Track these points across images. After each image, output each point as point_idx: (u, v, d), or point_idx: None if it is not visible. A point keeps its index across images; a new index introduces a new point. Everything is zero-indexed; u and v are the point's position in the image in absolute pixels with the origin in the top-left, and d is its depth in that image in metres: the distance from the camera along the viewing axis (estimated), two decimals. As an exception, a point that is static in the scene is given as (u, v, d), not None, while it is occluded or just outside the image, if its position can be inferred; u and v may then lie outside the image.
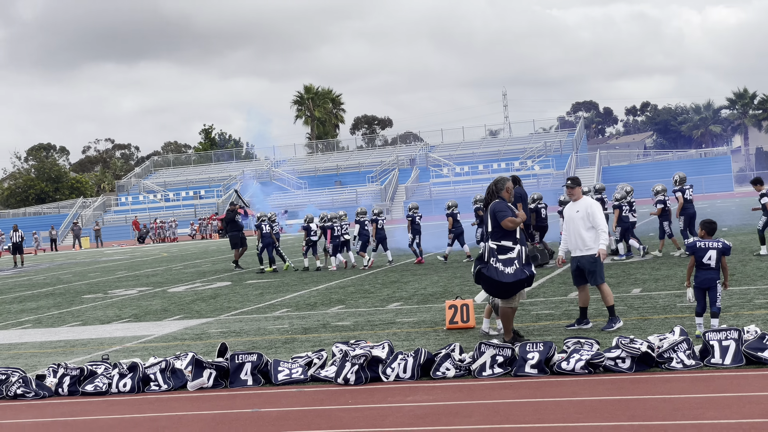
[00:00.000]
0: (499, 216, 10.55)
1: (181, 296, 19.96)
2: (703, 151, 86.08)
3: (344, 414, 7.98)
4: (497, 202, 10.73)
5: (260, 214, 25.54)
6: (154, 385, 9.59)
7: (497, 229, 10.57)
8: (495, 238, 10.56)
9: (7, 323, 17.37)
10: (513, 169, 71.90)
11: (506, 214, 10.54)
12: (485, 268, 10.47)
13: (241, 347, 11.78)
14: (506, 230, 10.52)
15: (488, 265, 10.46)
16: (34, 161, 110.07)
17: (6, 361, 12.45)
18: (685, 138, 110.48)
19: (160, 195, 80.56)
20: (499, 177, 11.14)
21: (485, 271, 10.46)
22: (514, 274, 10.35)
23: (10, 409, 9.26)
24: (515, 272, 10.35)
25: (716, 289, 10.14)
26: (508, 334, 10.61)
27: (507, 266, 10.37)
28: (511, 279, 10.35)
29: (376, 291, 17.67)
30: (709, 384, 8.03)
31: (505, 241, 10.50)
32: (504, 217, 10.53)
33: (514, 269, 10.36)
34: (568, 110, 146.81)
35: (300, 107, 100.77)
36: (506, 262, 10.39)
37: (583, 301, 11.49)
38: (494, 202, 10.75)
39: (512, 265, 10.37)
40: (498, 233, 10.56)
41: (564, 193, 19.85)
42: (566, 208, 11.69)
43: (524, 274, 10.37)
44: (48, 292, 24.15)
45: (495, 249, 10.48)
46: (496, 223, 10.57)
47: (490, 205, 10.76)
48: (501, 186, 10.87)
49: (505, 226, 10.51)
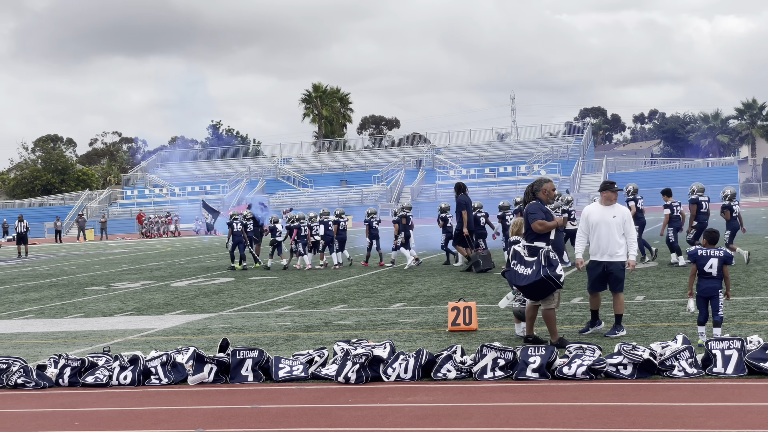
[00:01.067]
0: (530, 218, 10.60)
1: (184, 291, 19.97)
2: (710, 160, 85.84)
3: (344, 413, 7.97)
4: (531, 204, 10.76)
5: (232, 213, 26.07)
6: (154, 378, 9.59)
7: (530, 231, 10.61)
8: (528, 239, 10.59)
9: (10, 313, 17.39)
10: (519, 173, 71.93)
11: (536, 217, 10.56)
12: (508, 272, 10.57)
13: (242, 343, 11.78)
14: (538, 233, 10.53)
15: (510, 269, 10.50)
16: (41, 152, 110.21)
17: (7, 350, 12.47)
18: (692, 147, 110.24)
19: (165, 189, 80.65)
20: (538, 178, 11.15)
21: (507, 275, 10.55)
22: (527, 277, 10.32)
23: (11, 399, 9.27)
24: (530, 275, 10.31)
25: (718, 298, 10.12)
26: (554, 336, 10.56)
27: (527, 268, 10.34)
28: (524, 282, 10.34)
29: (379, 291, 17.66)
30: (711, 393, 8.01)
31: (538, 242, 10.52)
32: (534, 219, 10.55)
33: (531, 271, 10.32)
34: (576, 116, 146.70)
35: (308, 105, 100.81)
36: (528, 264, 10.36)
37: (595, 305, 11.41)
38: (529, 204, 10.78)
39: (531, 267, 10.33)
40: (531, 235, 10.59)
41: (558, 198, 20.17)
42: (596, 212, 11.32)
43: (538, 276, 10.29)
44: (51, 283, 24.18)
45: (520, 251, 10.47)
46: (528, 225, 10.60)
47: (526, 206, 10.80)
48: (538, 187, 10.88)
49: (534, 229, 10.54)
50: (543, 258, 10.36)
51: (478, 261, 20.10)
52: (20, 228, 42.93)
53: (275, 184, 78.58)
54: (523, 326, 11.29)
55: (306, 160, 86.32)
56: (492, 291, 16.53)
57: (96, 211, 76.95)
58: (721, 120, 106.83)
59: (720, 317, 10.13)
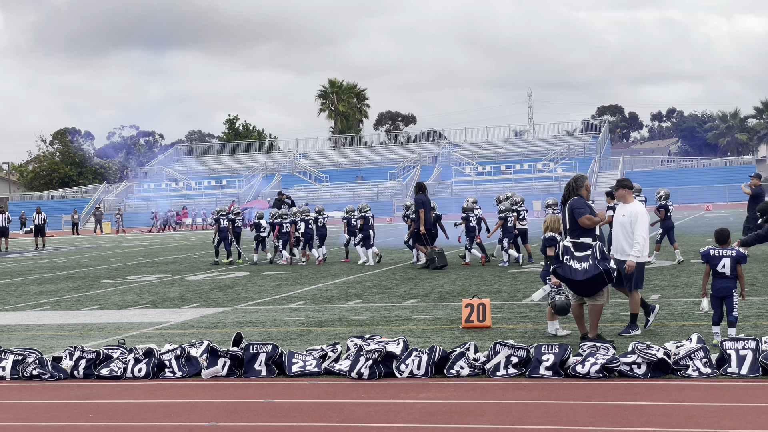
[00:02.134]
0: (577, 213, 10.52)
1: (199, 284, 20.03)
2: (728, 159, 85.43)
3: (356, 408, 7.98)
4: (576, 200, 10.69)
5: (219, 209, 26.52)
6: (168, 371, 9.62)
7: (575, 227, 10.54)
8: (573, 235, 10.52)
9: (27, 304, 17.50)
10: (536, 170, 71.78)
11: (584, 212, 10.51)
12: (560, 268, 10.41)
13: (256, 337, 11.80)
14: (584, 228, 10.49)
15: (563, 264, 10.40)
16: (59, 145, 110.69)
17: (23, 342, 12.54)
18: (710, 146, 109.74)
19: (182, 183, 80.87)
20: (578, 174, 11.10)
21: (560, 271, 10.39)
22: (585, 271, 10.24)
23: (26, 390, 9.33)
24: (588, 269, 10.24)
25: (732, 298, 10.07)
26: (594, 331, 10.51)
27: (582, 263, 10.27)
28: (581, 276, 10.25)
29: (393, 287, 17.67)
30: (725, 393, 7.97)
31: (584, 237, 10.46)
32: (581, 214, 10.49)
33: (588, 265, 10.25)
34: (593, 114, 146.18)
35: (324, 101, 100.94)
36: (581, 259, 10.30)
37: (634, 308, 11.32)
38: (573, 200, 10.70)
39: (587, 261, 10.27)
40: (576, 230, 10.53)
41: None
42: (617, 211, 11.40)
43: (597, 270, 10.24)
44: (68, 276, 24.30)
45: (570, 247, 10.41)
46: (574, 221, 10.53)
47: (569, 202, 10.71)
48: (581, 183, 10.84)
49: (582, 224, 10.47)
50: (597, 252, 10.32)
51: (433, 258, 20.66)
52: (38, 220, 43.17)
53: (291, 179, 78.70)
54: (556, 324, 11.27)
55: (322, 155, 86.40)
56: (507, 288, 16.51)
57: (113, 204, 77.24)
58: (739, 119, 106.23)
59: (734, 317, 10.08)
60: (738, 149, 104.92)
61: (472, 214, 21.88)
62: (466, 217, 21.82)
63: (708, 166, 79.02)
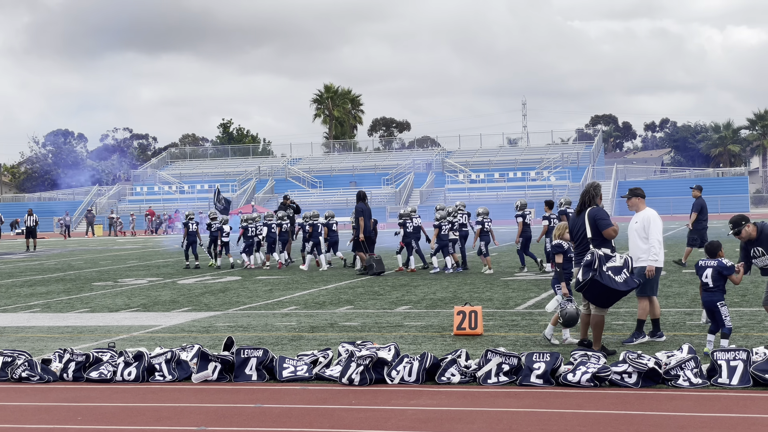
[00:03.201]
0: (601, 224, 10.45)
1: (190, 288, 19.99)
2: (721, 170, 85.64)
3: (347, 414, 7.96)
4: (598, 209, 10.63)
5: (188, 213, 27.08)
6: (158, 375, 9.59)
7: (597, 236, 10.47)
8: (594, 244, 10.46)
9: (17, 306, 17.44)
10: (529, 179, 71.86)
11: (608, 223, 10.46)
12: (599, 276, 10.15)
13: (247, 342, 11.78)
14: (605, 238, 10.45)
15: (601, 273, 10.17)
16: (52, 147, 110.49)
17: (13, 343, 12.49)
18: (702, 156, 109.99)
19: (175, 186, 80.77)
20: (594, 182, 11.04)
21: (600, 279, 10.13)
22: (626, 283, 10.20)
23: (14, 392, 9.29)
24: (626, 281, 10.20)
25: (719, 310, 10.08)
26: (598, 344, 10.45)
27: (617, 274, 10.20)
28: (624, 288, 10.20)
29: (385, 293, 17.65)
30: (715, 403, 7.98)
31: (604, 248, 10.42)
32: (607, 225, 10.44)
33: (626, 277, 10.21)
34: (587, 123, 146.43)
35: (319, 106, 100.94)
36: (615, 270, 10.22)
37: (653, 313, 11.32)
38: (595, 209, 10.63)
39: (621, 273, 10.21)
40: (597, 240, 10.47)
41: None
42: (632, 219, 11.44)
43: (635, 284, 10.25)
44: (58, 278, 24.23)
45: (603, 256, 10.29)
46: (596, 231, 10.46)
47: (589, 211, 10.62)
48: (598, 192, 10.81)
49: (607, 235, 10.44)
50: (630, 266, 10.31)
51: (371, 264, 21.56)
52: (30, 222, 43.05)
53: (284, 184, 78.64)
54: (552, 330, 11.26)
55: (316, 160, 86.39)
56: (498, 296, 16.51)
57: (105, 207, 77.09)
58: (732, 130, 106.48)
59: (728, 329, 10.09)
60: (731, 160, 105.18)
61: (409, 221, 22.45)
62: (403, 224, 22.46)
63: (701, 176, 79.15)
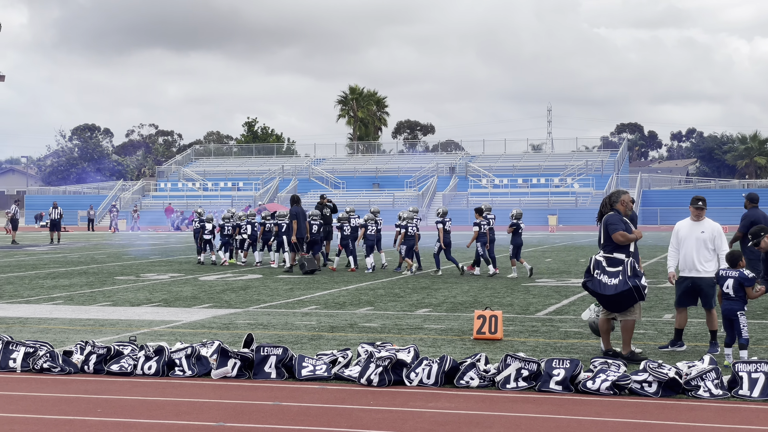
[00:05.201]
0: (611, 229, 10.50)
1: (211, 285, 20.07)
2: (746, 182, 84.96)
3: (365, 414, 7.97)
4: (612, 215, 10.66)
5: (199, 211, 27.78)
6: (178, 370, 9.64)
7: (609, 242, 10.51)
8: (607, 250, 10.49)
9: (39, 298, 17.57)
10: (552, 186, 71.63)
11: (617, 228, 10.48)
12: (590, 282, 10.38)
13: (267, 340, 11.81)
14: (618, 243, 10.44)
15: (592, 278, 10.35)
16: (78, 141, 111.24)
17: (35, 335, 12.59)
18: (728, 167, 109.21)
19: (198, 184, 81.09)
20: (616, 190, 11.07)
21: (590, 285, 10.37)
22: (615, 287, 10.21)
23: (36, 382, 9.36)
24: (618, 284, 10.21)
25: (738, 320, 10.03)
26: (627, 348, 10.43)
27: (612, 278, 10.22)
28: (611, 291, 10.22)
29: (405, 295, 17.65)
30: (736, 415, 7.92)
31: (617, 253, 10.42)
32: (615, 230, 10.46)
33: (618, 281, 10.21)
34: (612, 131, 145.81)
35: (344, 107, 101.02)
36: (612, 274, 10.25)
37: (680, 323, 11.30)
38: (609, 215, 10.68)
39: (617, 277, 10.23)
40: (609, 245, 10.49)
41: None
42: (685, 227, 11.31)
43: (626, 286, 10.21)
44: (81, 271, 24.40)
45: (602, 261, 10.37)
46: (608, 236, 10.51)
47: (604, 217, 10.69)
48: (616, 198, 10.81)
49: (615, 240, 10.44)
50: (629, 268, 10.28)
51: (303, 263, 22.79)
52: (54, 215, 43.37)
53: (308, 184, 78.74)
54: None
55: (339, 161, 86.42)
56: (519, 301, 16.47)
57: (129, 202, 77.51)
58: (759, 141, 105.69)
59: (745, 340, 10.03)
60: (756, 172, 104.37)
61: (371, 223, 23.71)
62: (365, 225, 23.72)
63: (726, 187, 78.65)
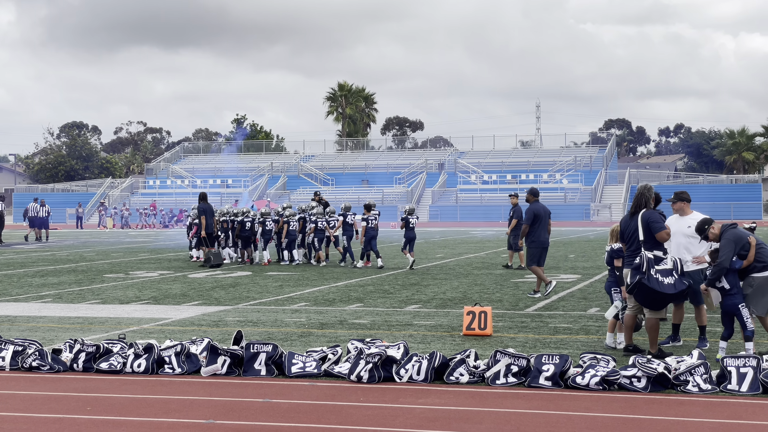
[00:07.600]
0: (654, 227, 10.41)
1: (201, 282, 20.04)
2: (734, 177, 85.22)
3: (355, 411, 7.97)
4: (651, 212, 10.58)
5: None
6: (168, 367, 9.63)
7: (649, 239, 10.44)
8: (647, 248, 10.41)
9: (28, 296, 17.51)
10: (541, 181, 71.75)
11: (661, 226, 10.43)
12: (646, 279, 10.16)
13: (257, 337, 11.80)
14: (657, 241, 10.42)
15: (649, 276, 10.17)
16: (66, 138, 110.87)
17: (24, 333, 12.55)
18: (716, 163, 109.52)
19: (187, 181, 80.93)
20: (647, 184, 10.91)
21: (647, 282, 10.13)
22: (675, 285, 10.16)
23: (25, 381, 9.33)
24: (675, 283, 10.17)
25: (740, 312, 10.06)
26: (654, 347, 10.40)
27: (666, 277, 10.17)
28: (672, 290, 10.15)
29: (395, 292, 17.66)
30: (724, 410, 7.96)
31: (657, 251, 10.39)
32: (660, 228, 10.40)
33: (674, 280, 10.17)
34: (600, 126, 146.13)
35: (332, 104, 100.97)
36: (664, 272, 10.20)
37: (677, 318, 11.32)
38: (647, 212, 10.58)
39: (671, 275, 10.18)
40: (649, 243, 10.43)
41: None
42: (673, 223, 11.25)
43: (684, 285, 10.20)
44: (70, 269, 24.32)
45: (653, 259, 10.27)
46: (649, 234, 10.43)
47: (642, 214, 10.57)
48: (651, 194, 10.71)
49: (661, 239, 10.39)
50: (679, 267, 10.28)
51: (209, 258, 24.14)
52: (42, 213, 43.20)
53: (297, 181, 78.74)
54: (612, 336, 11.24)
55: (328, 158, 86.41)
56: (508, 297, 16.50)
57: (118, 199, 77.31)
58: (746, 137, 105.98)
59: (750, 331, 10.04)
60: (744, 167, 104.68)
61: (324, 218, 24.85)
62: (304, 218, 24.85)
63: (714, 183, 78.90)
